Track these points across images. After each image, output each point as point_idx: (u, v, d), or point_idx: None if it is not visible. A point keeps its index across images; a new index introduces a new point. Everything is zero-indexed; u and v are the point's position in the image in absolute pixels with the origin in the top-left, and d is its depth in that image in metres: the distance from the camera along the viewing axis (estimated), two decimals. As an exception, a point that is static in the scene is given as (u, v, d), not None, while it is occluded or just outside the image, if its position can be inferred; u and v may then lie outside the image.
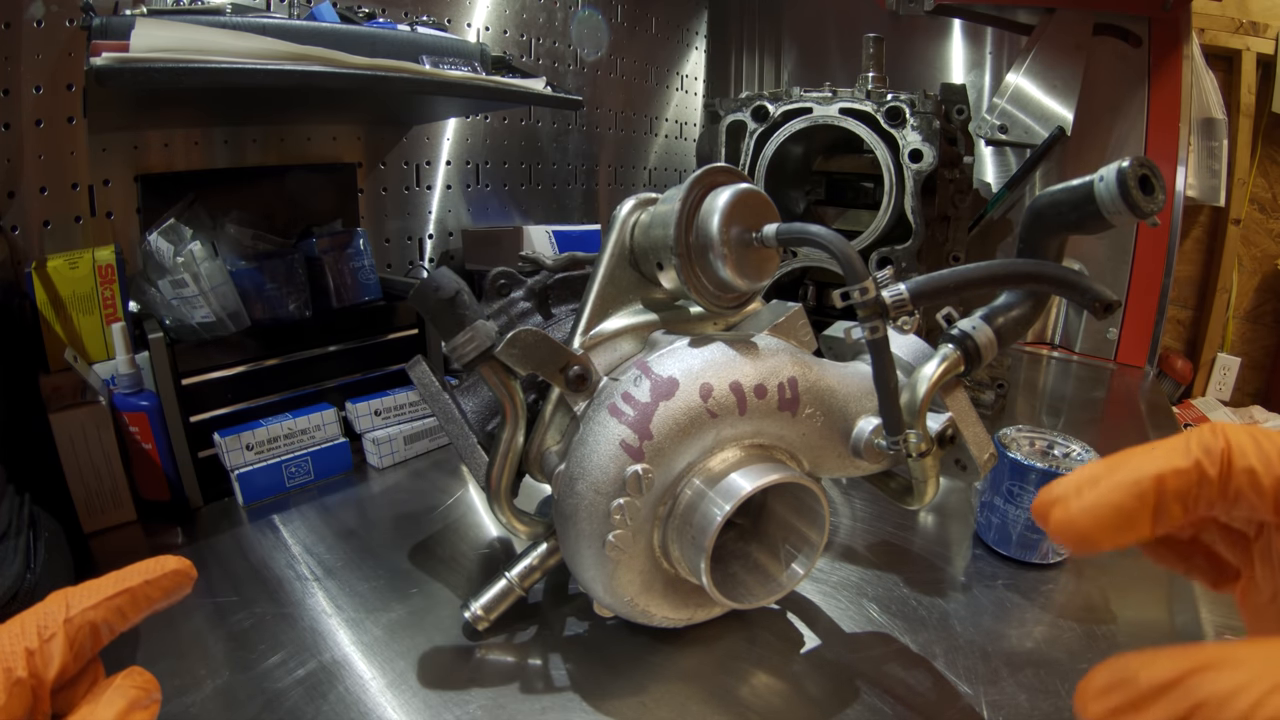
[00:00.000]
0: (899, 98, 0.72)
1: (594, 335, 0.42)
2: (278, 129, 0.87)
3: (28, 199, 0.68)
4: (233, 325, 0.64)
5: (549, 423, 0.43)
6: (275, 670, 0.42)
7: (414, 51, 0.67)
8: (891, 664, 0.43)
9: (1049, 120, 1.06)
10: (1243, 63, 1.65)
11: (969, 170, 0.85)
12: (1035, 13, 1.10)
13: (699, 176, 0.40)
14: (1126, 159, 0.33)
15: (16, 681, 0.22)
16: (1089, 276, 0.37)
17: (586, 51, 1.24)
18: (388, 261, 1.03)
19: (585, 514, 0.38)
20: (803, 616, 0.48)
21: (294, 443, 0.65)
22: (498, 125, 1.13)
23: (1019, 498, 0.52)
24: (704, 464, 0.39)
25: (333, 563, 0.54)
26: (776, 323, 0.43)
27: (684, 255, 0.39)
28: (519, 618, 0.47)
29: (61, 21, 0.67)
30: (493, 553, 0.56)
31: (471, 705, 0.40)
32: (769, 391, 0.39)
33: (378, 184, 1.00)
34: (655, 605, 0.42)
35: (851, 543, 0.57)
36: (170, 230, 0.63)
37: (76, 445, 0.55)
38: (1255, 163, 1.71)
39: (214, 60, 0.51)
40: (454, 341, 0.40)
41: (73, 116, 0.69)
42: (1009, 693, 0.40)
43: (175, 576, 0.27)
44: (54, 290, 0.58)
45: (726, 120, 0.82)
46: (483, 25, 1.08)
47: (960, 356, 0.39)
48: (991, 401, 0.82)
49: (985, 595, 0.50)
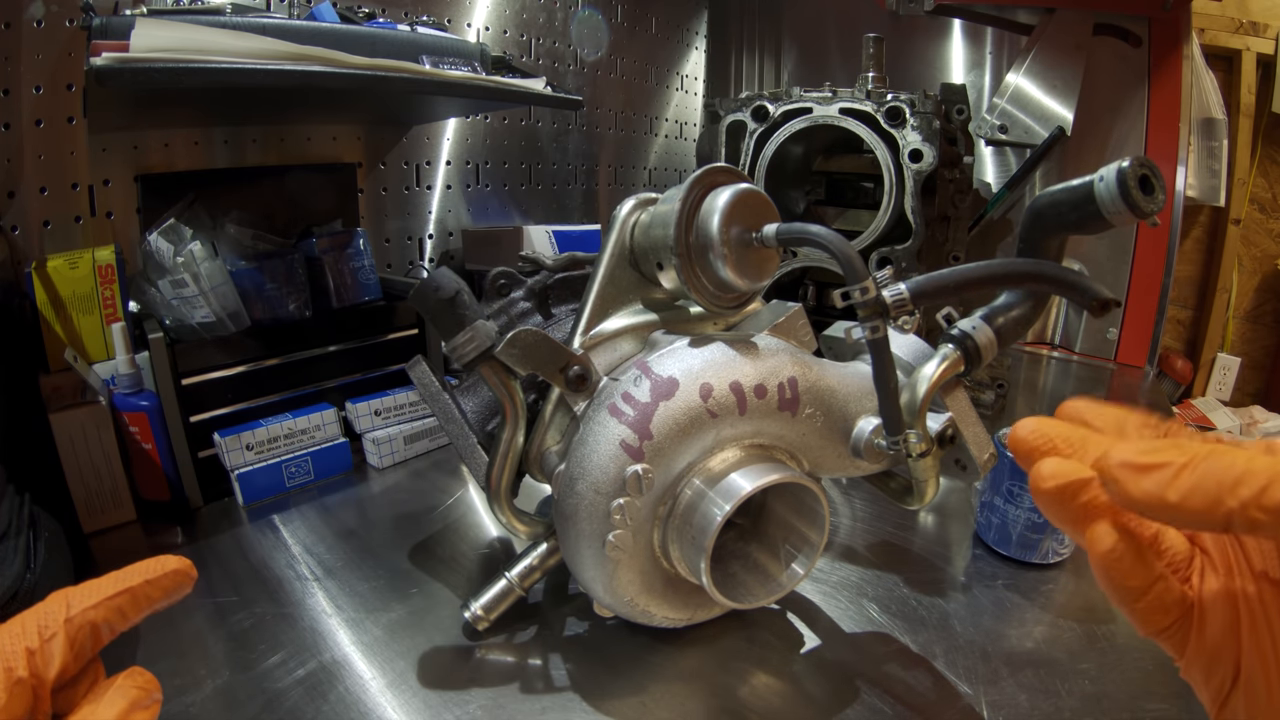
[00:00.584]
0: (899, 98, 0.72)
1: (594, 335, 0.42)
2: (278, 129, 0.87)
3: (28, 199, 0.68)
4: (233, 325, 0.64)
5: (549, 423, 0.43)
6: (275, 670, 0.42)
7: (414, 51, 0.67)
8: (891, 664, 0.43)
9: (1049, 120, 1.06)
10: (1243, 63, 1.65)
11: (969, 170, 0.85)
12: (1035, 13, 1.09)
13: (699, 176, 0.40)
14: (1126, 159, 0.33)
15: (17, 681, 0.22)
16: (1089, 276, 0.37)
17: (586, 51, 1.24)
18: (388, 261, 1.03)
19: (585, 514, 0.38)
20: (803, 616, 0.48)
21: (294, 443, 0.65)
22: (498, 125, 1.13)
23: (1019, 498, 0.52)
24: (704, 464, 0.39)
25: (333, 563, 0.54)
26: (776, 323, 0.43)
27: (684, 255, 0.39)
28: (519, 618, 0.47)
29: (61, 21, 0.67)
30: (493, 553, 0.56)
31: (471, 705, 0.40)
32: (769, 391, 0.39)
33: (378, 184, 1.00)
34: (655, 605, 0.42)
35: (851, 543, 0.57)
36: (170, 230, 0.63)
37: (76, 445, 0.55)
38: (1255, 163, 1.71)
39: (214, 60, 0.51)
40: (454, 341, 0.40)
41: (73, 116, 0.69)
42: (1009, 693, 0.40)
43: (175, 576, 0.27)
44: (54, 290, 0.58)
45: (726, 120, 0.82)
46: (483, 25, 1.08)
47: (960, 356, 0.39)
48: (991, 401, 0.82)
49: (985, 595, 0.50)
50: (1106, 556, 0.22)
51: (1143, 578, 0.22)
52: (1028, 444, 0.24)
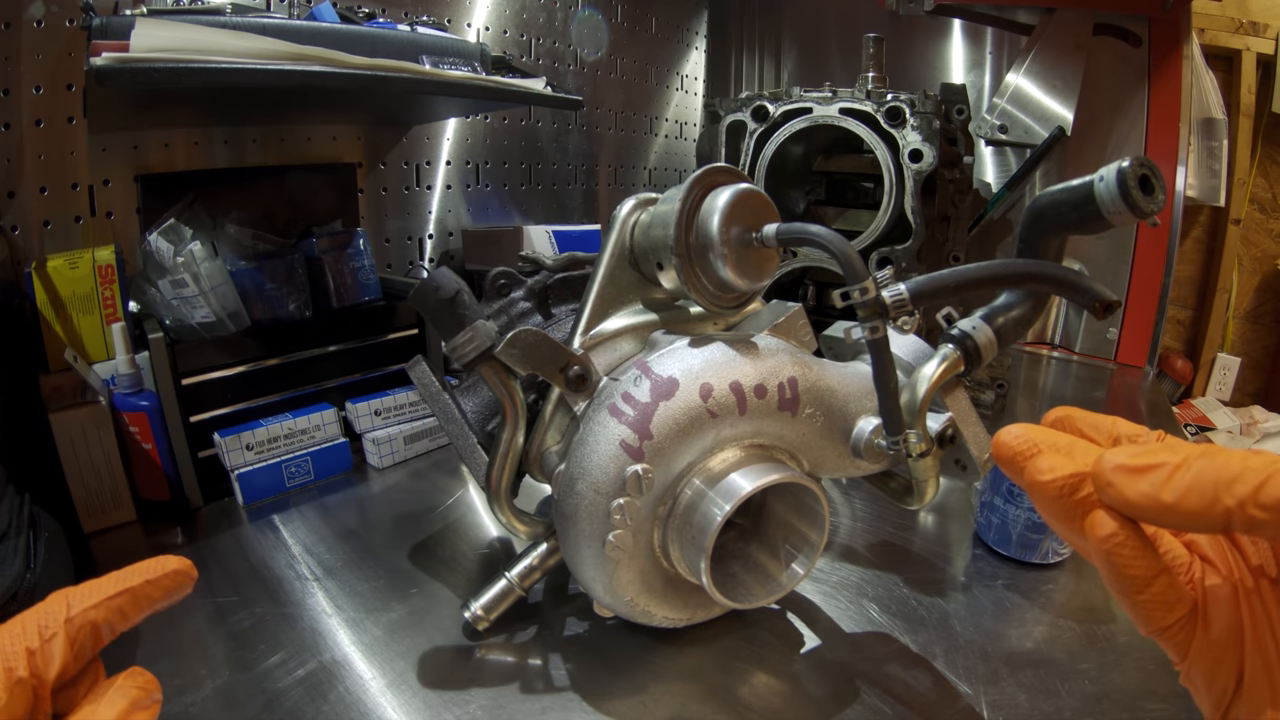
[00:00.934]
0: (899, 98, 0.72)
1: (594, 335, 0.42)
2: (278, 129, 0.87)
3: (28, 199, 0.68)
4: (233, 325, 0.64)
5: (549, 423, 0.43)
6: (275, 670, 0.42)
7: (414, 51, 0.67)
8: (891, 664, 0.43)
9: (1049, 120, 1.06)
10: (1243, 63, 1.65)
11: (969, 170, 0.85)
12: (1035, 13, 1.10)
13: (699, 176, 0.40)
14: (1126, 159, 0.33)
15: (17, 681, 0.22)
16: (1089, 276, 0.37)
17: (586, 51, 1.24)
18: (388, 261, 1.03)
19: (585, 514, 0.38)
20: (803, 616, 0.48)
21: (294, 443, 0.65)
22: (498, 125, 1.13)
23: (1019, 498, 0.52)
24: (704, 464, 0.39)
25: (333, 563, 0.54)
26: (776, 323, 0.43)
27: (684, 255, 0.39)
28: (519, 618, 0.47)
29: (61, 21, 0.67)
30: (493, 553, 0.56)
31: (471, 705, 0.40)
32: (769, 391, 0.39)
33: (378, 184, 1.00)
34: (655, 605, 0.42)
35: (851, 543, 0.57)
36: (170, 230, 0.63)
37: (76, 445, 0.55)
38: (1255, 163, 1.71)
39: (214, 60, 0.51)
40: (454, 341, 0.40)
41: (73, 116, 0.69)
42: (1009, 693, 0.40)
43: (176, 576, 0.27)
44: (54, 290, 0.58)
45: (726, 120, 0.82)
46: (483, 25, 1.08)
47: (960, 356, 0.39)
48: (991, 401, 0.82)
49: (985, 595, 0.50)
50: (1108, 541, 0.21)
51: (1146, 566, 0.22)
52: (1011, 449, 0.23)
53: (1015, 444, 0.23)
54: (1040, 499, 0.23)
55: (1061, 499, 0.22)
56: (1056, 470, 0.22)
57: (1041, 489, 0.22)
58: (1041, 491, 0.22)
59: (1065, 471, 0.22)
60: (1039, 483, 0.22)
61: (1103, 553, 0.22)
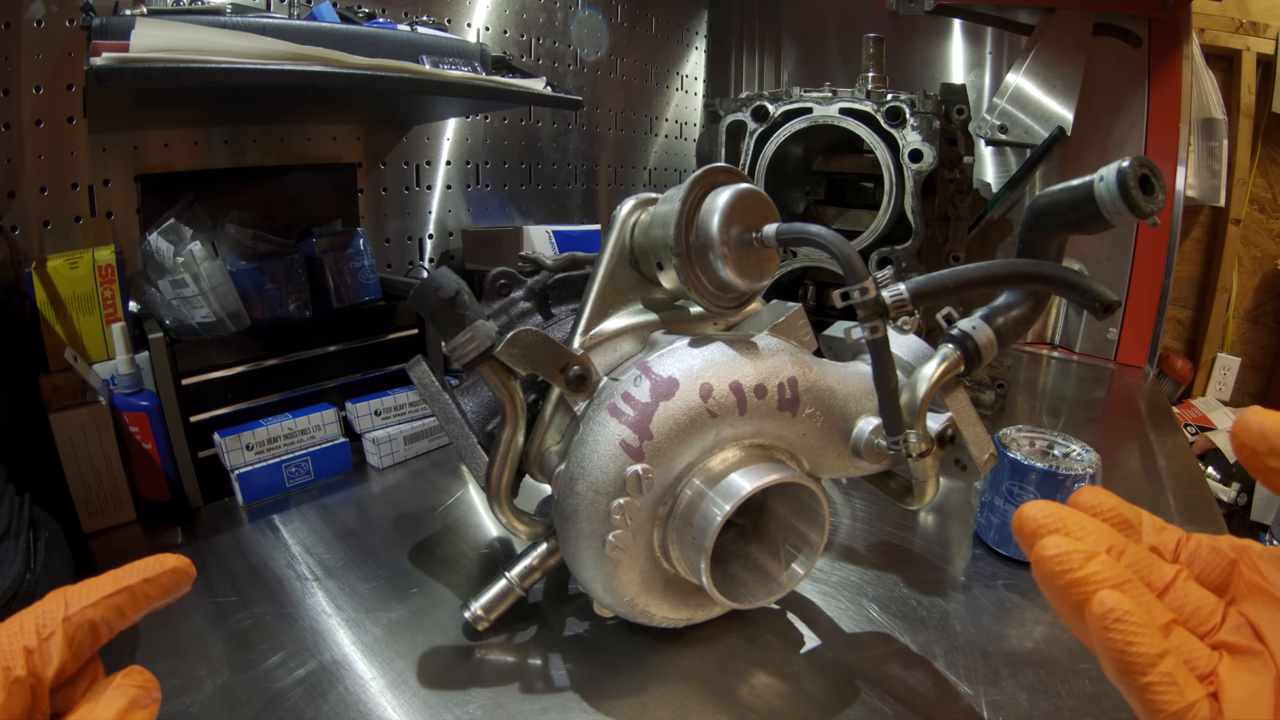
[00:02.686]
0: (899, 98, 0.72)
1: (594, 335, 0.42)
2: (278, 129, 0.87)
3: (28, 199, 0.68)
4: (233, 325, 0.64)
5: (549, 423, 0.43)
6: (275, 670, 0.42)
7: (414, 51, 0.67)
8: (891, 664, 0.43)
9: (1049, 120, 1.06)
10: (1243, 63, 1.65)
11: (969, 170, 0.85)
12: (1035, 13, 1.10)
13: (699, 176, 0.40)
14: (1126, 159, 0.33)
15: (15, 680, 0.22)
16: (1089, 276, 0.37)
17: (586, 51, 1.24)
18: (388, 261, 1.03)
19: (585, 514, 0.38)
20: (803, 616, 0.48)
21: (294, 443, 0.65)
22: (498, 125, 1.13)
23: (1019, 498, 0.52)
24: (704, 464, 0.39)
25: (333, 563, 0.54)
26: (776, 323, 0.43)
27: (684, 255, 0.39)
28: (519, 618, 0.47)
29: (61, 21, 0.67)
30: (493, 553, 0.56)
31: (471, 705, 0.40)
32: (769, 391, 0.39)
33: (378, 184, 1.00)
34: (655, 605, 0.42)
35: (851, 543, 0.57)
36: (170, 230, 0.63)
37: (76, 445, 0.55)
38: (1255, 163, 1.71)
39: (214, 60, 0.51)
40: (454, 341, 0.40)
41: (73, 116, 0.69)
42: (1009, 693, 0.40)
43: (174, 575, 0.27)
44: (54, 290, 0.58)
45: (726, 120, 0.82)
46: (483, 25, 1.08)
47: (960, 356, 0.39)
48: (991, 401, 0.82)
49: (985, 595, 0.50)
50: (1107, 617, 0.20)
51: (1150, 644, 0.20)
52: (1035, 522, 0.23)
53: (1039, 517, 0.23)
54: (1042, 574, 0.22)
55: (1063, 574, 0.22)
56: (1060, 546, 0.22)
57: (1044, 564, 0.22)
58: (1044, 565, 0.22)
59: (1069, 549, 0.22)
60: (1042, 558, 0.22)
61: (1101, 629, 0.20)
